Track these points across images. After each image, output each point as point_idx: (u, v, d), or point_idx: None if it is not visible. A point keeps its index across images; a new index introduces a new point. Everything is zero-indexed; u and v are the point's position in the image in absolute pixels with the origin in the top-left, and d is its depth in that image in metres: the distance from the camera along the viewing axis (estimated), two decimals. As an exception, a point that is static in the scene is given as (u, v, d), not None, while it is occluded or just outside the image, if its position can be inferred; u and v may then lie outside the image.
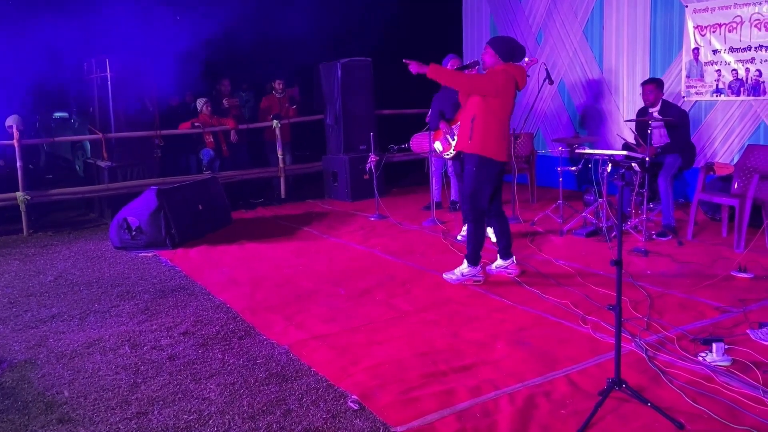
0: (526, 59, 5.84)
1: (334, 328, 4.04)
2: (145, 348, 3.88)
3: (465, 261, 4.83)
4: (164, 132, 8.58)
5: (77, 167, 10.95)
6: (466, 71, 4.98)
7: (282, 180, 9.28)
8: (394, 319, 4.17)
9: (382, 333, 3.93)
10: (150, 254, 6.25)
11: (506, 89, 4.56)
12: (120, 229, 6.45)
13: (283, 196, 9.23)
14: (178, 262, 5.89)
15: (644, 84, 6.21)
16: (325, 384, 3.28)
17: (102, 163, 8.27)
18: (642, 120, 5.97)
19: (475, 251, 4.78)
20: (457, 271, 4.84)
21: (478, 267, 4.82)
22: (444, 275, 4.88)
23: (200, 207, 6.98)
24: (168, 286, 5.19)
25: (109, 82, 8.13)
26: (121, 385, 3.37)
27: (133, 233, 6.41)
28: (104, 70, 8.17)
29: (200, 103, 8.93)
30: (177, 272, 5.59)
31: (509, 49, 4.65)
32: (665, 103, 6.17)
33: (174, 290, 5.06)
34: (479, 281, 4.80)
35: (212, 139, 8.88)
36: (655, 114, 6.10)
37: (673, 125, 5.94)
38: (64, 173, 10.93)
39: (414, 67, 4.57)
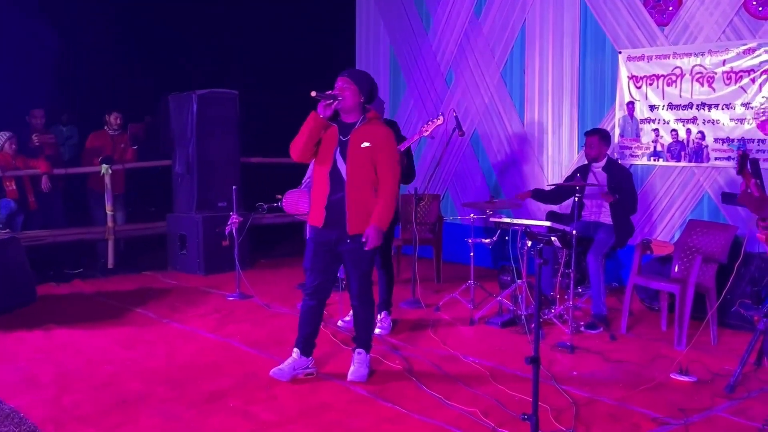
0: (431, 122, 6.11)
1: (170, 446, 3.90)
2: None
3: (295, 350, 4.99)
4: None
5: None
6: (324, 103, 4.64)
7: (110, 244, 9.01)
8: (252, 433, 4.08)
9: (234, 452, 3.84)
10: None
11: None
12: None
13: (110, 266, 8.95)
14: (-45, 354, 5.52)
15: (587, 134, 6.64)
16: None
17: None
18: (570, 184, 6.31)
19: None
20: (286, 365, 4.93)
21: (311, 357, 5.01)
22: (271, 372, 4.90)
23: (-8, 277, 6.63)
24: (-64, 386, 4.84)
25: None
26: None
27: None
28: None
29: (1, 139, 8.58)
30: (-49, 367, 5.24)
31: (373, 90, 4.83)
32: (610, 160, 6.60)
33: (-55, 393, 4.72)
34: (312, 374, 4.96)
35: (14, 187, 8.52)
36: (598, 172, 6.51)
37: (614, 189, 6.30)
38: None
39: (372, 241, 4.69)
